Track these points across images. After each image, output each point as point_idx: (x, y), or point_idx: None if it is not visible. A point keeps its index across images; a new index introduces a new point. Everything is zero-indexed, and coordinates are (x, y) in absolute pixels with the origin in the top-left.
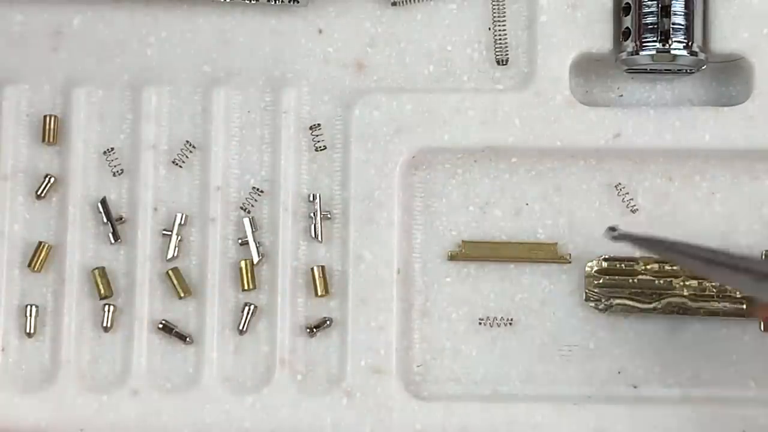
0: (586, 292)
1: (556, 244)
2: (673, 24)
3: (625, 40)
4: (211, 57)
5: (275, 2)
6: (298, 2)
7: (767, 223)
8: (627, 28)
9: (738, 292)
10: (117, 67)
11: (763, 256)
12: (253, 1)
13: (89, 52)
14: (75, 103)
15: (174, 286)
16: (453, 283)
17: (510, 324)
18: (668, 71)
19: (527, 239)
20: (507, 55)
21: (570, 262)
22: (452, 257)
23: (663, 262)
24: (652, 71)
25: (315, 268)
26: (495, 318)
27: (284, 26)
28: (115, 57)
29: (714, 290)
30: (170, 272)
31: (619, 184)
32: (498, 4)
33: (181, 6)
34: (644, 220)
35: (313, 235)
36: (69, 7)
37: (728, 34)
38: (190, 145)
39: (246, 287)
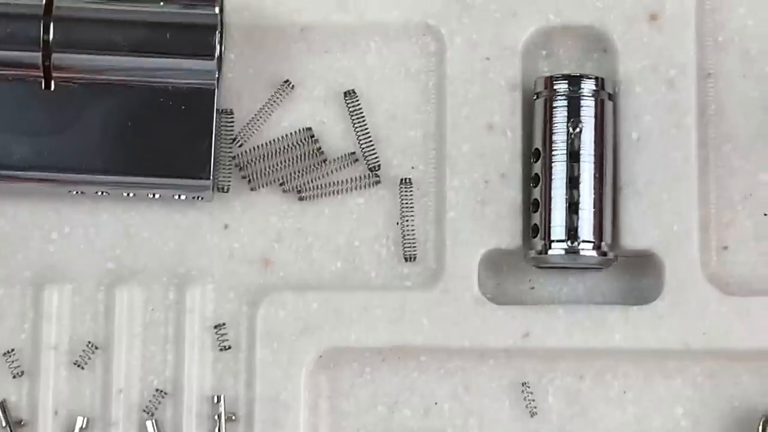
0: None
1: None
2: (582, 222)
3: (535, 237)
4: (114, 253)
5: (180, 197)
6: (202, 198)
7: (678, 422)
8: (536, 224)
9: None
10: (18, 264)
11: None
12: (157, 196)
13: None
14: None
15: None
16: None
17: None
18: (579, 267)
19: None
20: (415, 251)
21: None
22: None
23: None
24: (563, 267)
25: None
26: None
27: (189, 221)
28: (16, 253)
29: None
30: None
31: (525, 383)
32: (406, 199)
33: (84, 201)
34: (555, 419)
35: None
36: None
37: (638, 230)
38: (93, 345)
39: None
